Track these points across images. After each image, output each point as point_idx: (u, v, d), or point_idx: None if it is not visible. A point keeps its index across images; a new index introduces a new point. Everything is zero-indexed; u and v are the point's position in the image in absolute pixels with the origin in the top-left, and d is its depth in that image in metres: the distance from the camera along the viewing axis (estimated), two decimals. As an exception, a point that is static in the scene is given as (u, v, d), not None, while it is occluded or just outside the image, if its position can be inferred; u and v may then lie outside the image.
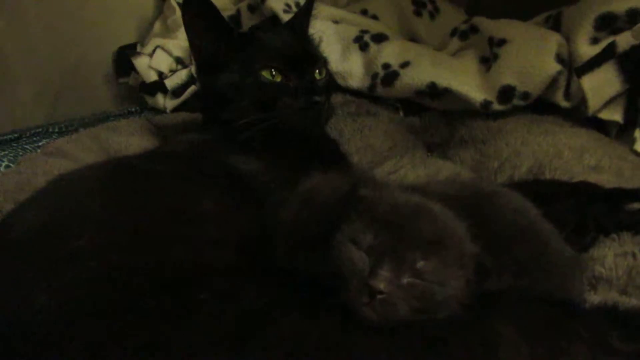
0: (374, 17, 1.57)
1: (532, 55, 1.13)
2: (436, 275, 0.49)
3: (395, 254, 0.49)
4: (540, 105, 1.17)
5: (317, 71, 0.92)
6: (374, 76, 1.29)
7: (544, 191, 0.80)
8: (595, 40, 1.10)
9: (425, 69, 1.23)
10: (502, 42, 1.21)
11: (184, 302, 0.50)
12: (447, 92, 1.19)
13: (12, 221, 0.62)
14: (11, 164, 1.08)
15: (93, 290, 0.51)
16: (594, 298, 0.65)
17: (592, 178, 0.86)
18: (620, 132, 1.10)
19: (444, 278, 0.49)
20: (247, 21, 1.50)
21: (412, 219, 0.51)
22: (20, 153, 1.15)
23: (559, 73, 1.10)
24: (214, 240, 0.60)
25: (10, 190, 0.86)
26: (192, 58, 1.45)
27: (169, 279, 0.53)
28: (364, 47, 1.35)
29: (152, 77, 1.48)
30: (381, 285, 0.47)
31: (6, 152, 1.14)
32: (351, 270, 0.49)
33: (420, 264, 0.49)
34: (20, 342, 0.48)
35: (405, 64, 1.26)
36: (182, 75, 1.48)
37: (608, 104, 1.08)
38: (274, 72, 0.87)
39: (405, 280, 0.48)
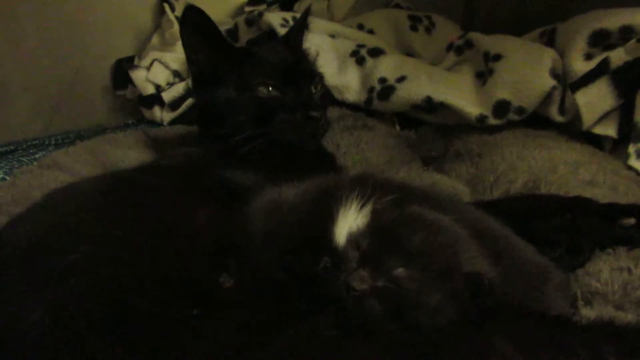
0: (370, 32, 1.59)
1: (527, 71, 1.14)
2: (412, 283, 0.51)
3: (376, 258, 0.52)
4: (535, 120, 1.17)
5: (312, 86, 0.93)
6: (371, 90, 1.30)
7: (539, 206, 0.80)
8: (589, 56, 1.12)
9: (421, 83, 1.24)
10: (497, 57, 1.22)
11: (178, 318, 0.50)
12: (443, 106, 1.20)
13: (7, 236, 0.62)
14: (7, 177, 1.07)
15: (86, 305, 0.51)
16: (590, 313, 0.65)
17: (587, 192, 0.86)
18: (615, 147, 1.11)
19: (422, 288, 0.51)
20: (245, 35, 1.51)
21: (408, 231, 0.54)
22: (16, 165, 1.15)
23: (554, 88, 1.11)
24: (208, 255, 0.60)
25: (6, 202, 0.86)
26: (189, 72, 1.46)
27: (163, 293, 0.53)
28: (360, 62, 1.36)
29: (150, 90, 1.49)
30: (354, 283, 0.50)
31: (2, 165, 1.14)
32: (345, 267, 0.53)
33: (398, 271, 0.51)
34: (14, 358, 0.48)
35: (401, 78, 1.27)
36: (179, 88, 1.48)
37: (602, 119, 1.09)
38: (270, 88, 0.87)
39: (380, 283, 0.51)
